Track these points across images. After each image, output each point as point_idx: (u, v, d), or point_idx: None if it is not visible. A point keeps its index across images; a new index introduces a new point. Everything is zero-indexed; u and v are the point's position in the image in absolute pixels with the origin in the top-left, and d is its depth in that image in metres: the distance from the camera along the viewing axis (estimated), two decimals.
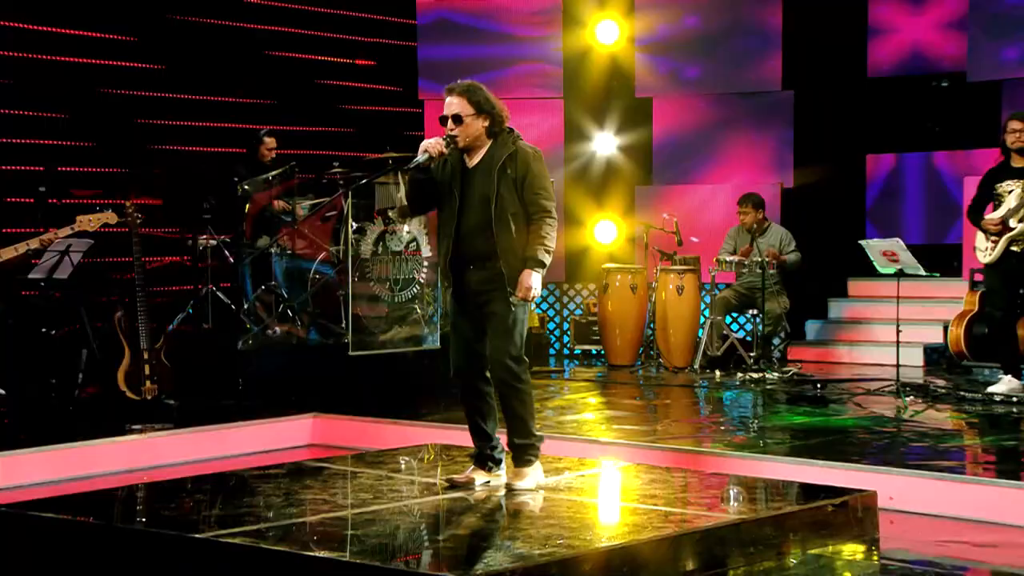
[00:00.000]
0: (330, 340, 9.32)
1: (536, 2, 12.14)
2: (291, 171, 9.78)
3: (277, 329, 9.40)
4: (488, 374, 5.54)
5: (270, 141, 10.13)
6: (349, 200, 9.11)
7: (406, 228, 9.25)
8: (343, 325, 9.19)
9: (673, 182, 12.14)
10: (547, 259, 5.44)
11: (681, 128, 12.19)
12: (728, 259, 10.26)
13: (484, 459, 5.70)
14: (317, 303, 9.58)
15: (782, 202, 11.56)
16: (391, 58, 12.92)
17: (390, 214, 9.27)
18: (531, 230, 5.44)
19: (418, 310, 9.39)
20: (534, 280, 5.41)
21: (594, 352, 11.59)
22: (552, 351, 11.99)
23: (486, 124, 5.49)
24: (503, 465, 5.70)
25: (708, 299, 10.75)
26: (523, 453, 5.60)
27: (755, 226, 10.31)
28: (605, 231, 12.14)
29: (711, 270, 10.40)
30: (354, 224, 9.15)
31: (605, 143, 12.46)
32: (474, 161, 5.53)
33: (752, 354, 10.15)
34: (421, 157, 5.45)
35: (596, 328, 11.40)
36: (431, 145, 5.46)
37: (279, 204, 9.84)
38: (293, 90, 12.14)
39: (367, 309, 9.23)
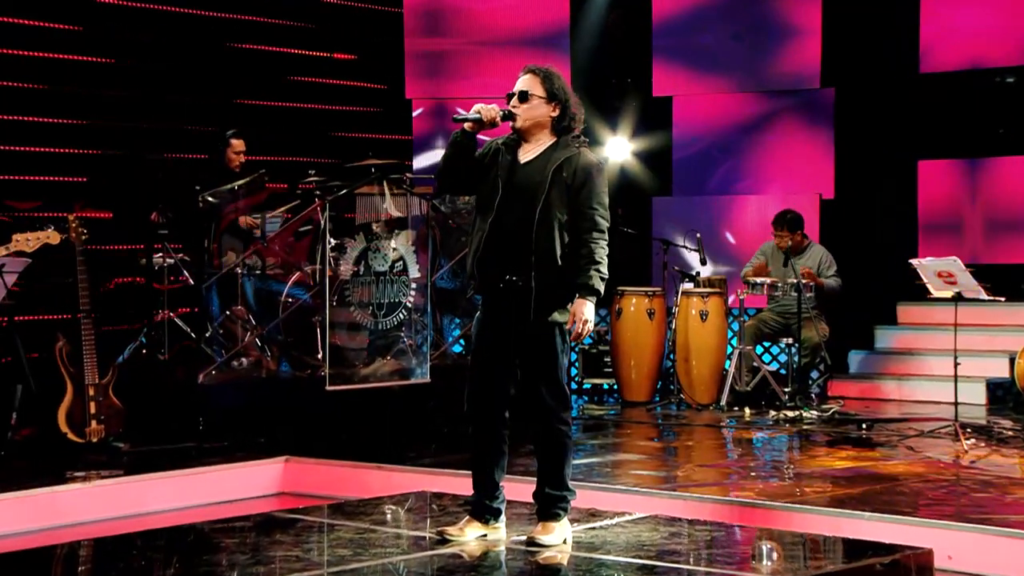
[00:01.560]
0: (305, 373, 9.33)
1: None
2: (261, 179, 9.83)
3: (244, 360, 9.41)
4: (507, 414, 5.60)
5: (237, 144, 10.13)
6: (326, 213, 9.12)
7: (392, 245, 9.29)
8: (319, 356, 9.18)
9: (696, 193, 12.23)
10: (601, 288, 5.45)
11: (705, 131, 12.29)
12: (758, 281, 10.31)
13: (483, 511, 5.71)
14: (290, 331, 9.57)
15: (821, 216, 11.62)
16: (374, 52, 12.95)
17: (374, 228, 9.30)
18: (581, 252, 5.45)
19: (405, 339, 9.39)
20: (588, 311, 5.41)
21: (605, 387, 11.62)
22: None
23: (554, 114, 5.56)
24: (503, 518, 5.72)
25: (736, 326, 10.75)
26: (553, 506, 5.63)
27: (791, 248, 10.44)
28: (618, 249, 12.11)
29: (739, 293, 10.43)
30: (332, 240, 9.16)
31: (618, 148, 12.51)
32: (528, 156, 5.59)
33: (787, 389, 10.18)
34: (471, 115, 5.50)
35: (608, 359, 11.42)
36: (486, 109, 5.51)
37: (247, 219, 9.86)
38: (262, 88, 12.16)
39: (347, 338, 9.25)
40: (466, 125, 5.52)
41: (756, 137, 12.08)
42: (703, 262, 10.95)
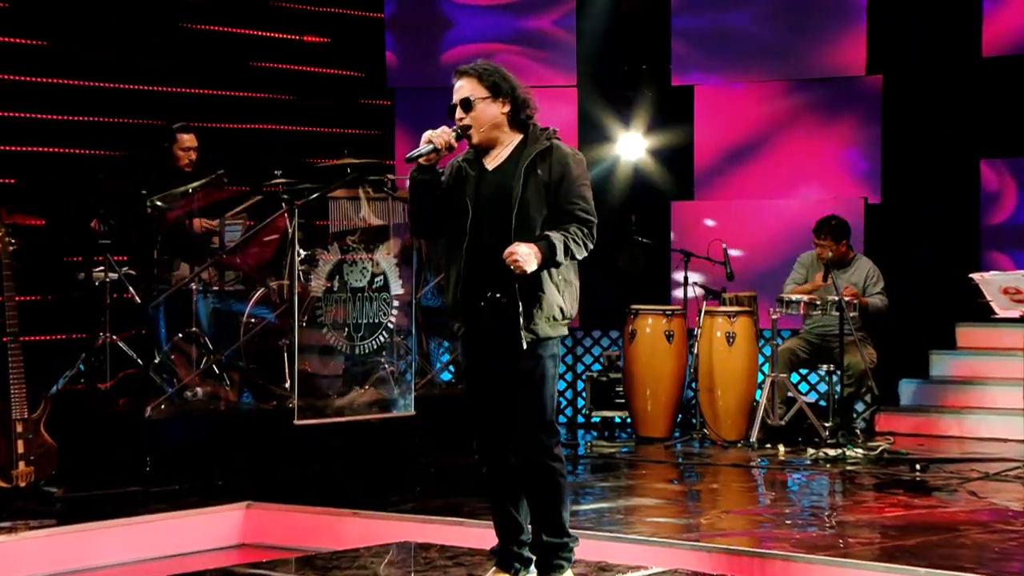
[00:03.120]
0: (269, 405, 9.31)
1: None
2: (218, 181, 9.76)
3: (199, 390, 9.40)
4: (514, 460, 5.66)
5: (186, 139, 10.09)
6: (295, 220, 9.12)
7: (371, 258, 9.29)
8: (286, 385, 9.19)
9: (721, 196, 12.26)
10: (561, 255, 5.44)
11: (732, 126, 12.32)
12: (793, 298, 10.30)
13: (510, 559, 5.76)
14: (252, 356, 9.55)
15: (866, 223, 11.63)
16: (351, 35, 12.94)
17: (351, 238, 9.29)
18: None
19: (386, 365, 9.38)
20: (534, 256, 5.37)
21: (617, 420, 11.63)
22: (563, 418, 11.95)
23: (505, 111, 5.60)
24: (533, 569, 5.76)
25: (768, 350, 10.75)
26: (552, 556, 5.67)
27: (833, 260, 10.44)
28: (632, 261, 12.12)
29: (772, 312, 10.40)
30: (302, 252, 9.17)
31: (631, 146, 12.50)
32: (495, 162, 5.66)
33: (827, 424, 10.17)
34: (423, 148, 5.57)
35: (620, 389, 11.44)
36: (436, 135, 5.57)
37: (202, 224, 9.84)
38: (220, 74, 12.14)
39: (319, 364, 9.27)
40: (421, 160, 5.57)
41: (791, 132, 12.10)
42: (730, 276, 10.96)
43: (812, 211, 11.06)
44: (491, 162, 5.64)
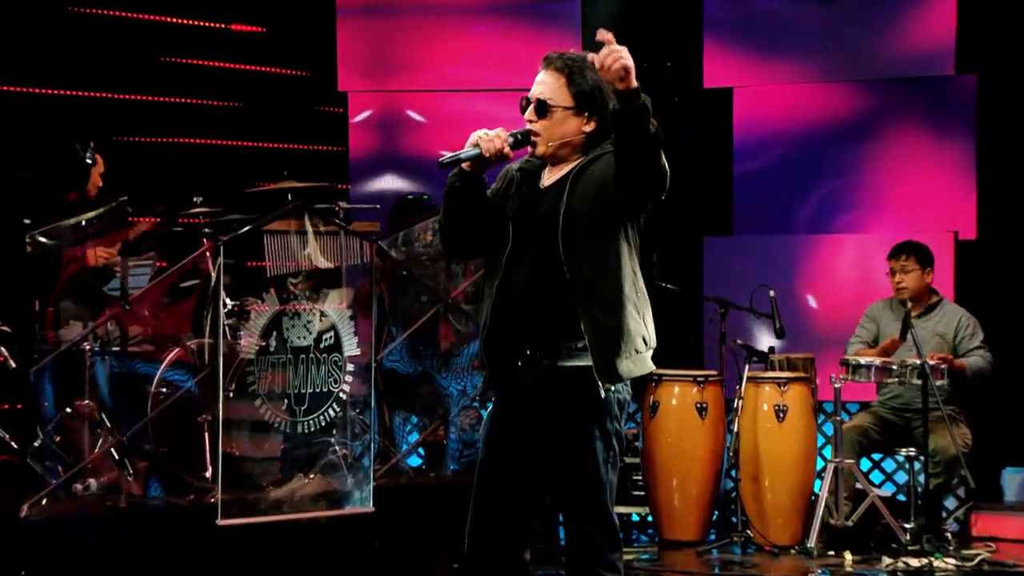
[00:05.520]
0: (185, 500, 9.19)
1: None
2: (120, 212, 9.80)
3: (92, 482, 9.24)
4: (528, 556, 5.75)
5: (101, 161, 10.12)
6: (220, 260, 9.08)
7: (318, 309, 9.24)
8: (207, 474, 9.20)
9: (767, 231, 12.33)
10: (649, 117, 5.33)
11: (780, 139, 12.41)
12: (862, 361, 10.26)
13: None
14: (164, 436, 9.50)
15: (956, 263, 11.67)
16: (293, 23, 13.04)
17: (292, 284, 9.30)
18: None
19: (337, 447, 9.36)
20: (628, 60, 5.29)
21: (636, 518, 11.67)
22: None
23: (588, 129, 5.68)
24: None
25: (830, 429, 10.67)
26: None
27: (915, 298, 10.42)
28: (655, 312, 12.01)
29: (835, 380, 10.33)
30: (229, 301, 9.23)
31: None
32: (552, 178, 5.77)
33: (909, 525, 10.06)
34: (466, 151, 5.64)
35: (639, 477, 11.39)
36: (487, 139, 5.62)
37: (99, 255, 9.75)
38: (122, 73, 12.25)
39: (250, 446, 9.31)
40: (463, 166, 5.64)
41: (857, 148, 12.16)
42: (779, 333, 10.92)
43: (885, 249, 11.01)
44: (549, 180, 5.75)
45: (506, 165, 5.84)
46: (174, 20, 12.48)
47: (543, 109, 5.63)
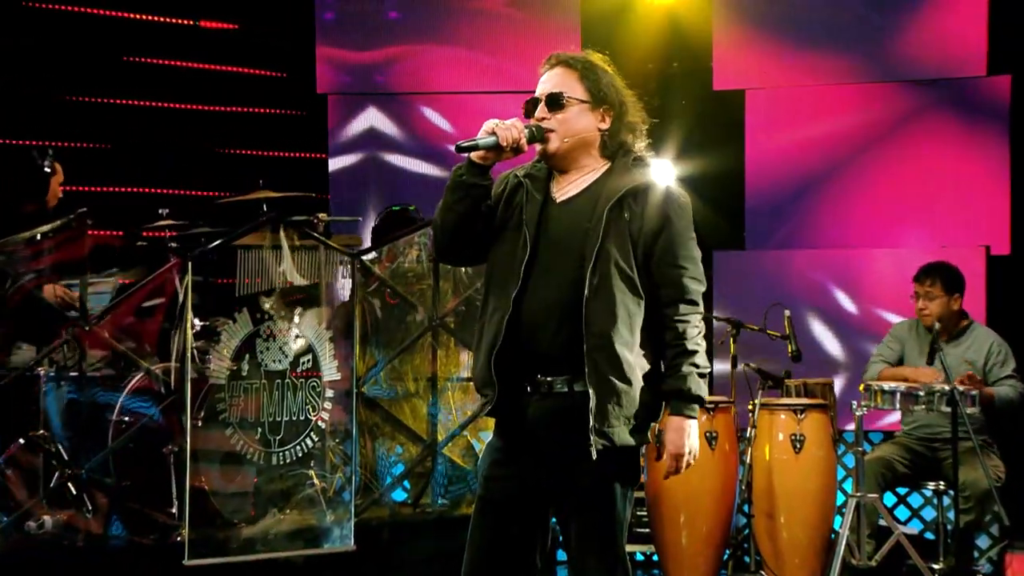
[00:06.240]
0: (149, 539, 9.20)
1: None
2: (79, 224, 9.69)
3: (46, 520, 9.21)
4: None
5: (60, 171, 10.17)
6: (188, 278, 9.11)
7: (294, 330, 9.32)
8: (173, 510, 9.17)
9: (783, 245, 12.35)
10: (704, 391, 5.70)
11: (798, 146, 12.41)
12: (886, 387, 10.18)
13: None
14: (126, 468, 9.48)
15: (988, 282, 11.69)
16: (267, 20, 13.07)
17: (266, 303, 9.30)
18: (666, 338, 5.69)
19: (315, 480, 9.35)
20: (688, 433, 5.69)
21: (640, 557, 11.74)
22: (562, 554, 11.68)
23: (603, 126, 5.80)
24: None
25: (851, 460, 10.75)
26: None
27: (942, 324, 10.31)
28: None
29: (856, 407, 10.20)
30: (197, 322, 9.21)
31: (658, 172, 12.27)
32: (567, 192, 5.82)
33: (938, 566, 10.02)
34: (483, 139, 5.68)
35: (644, 514, 11.29)
36: (504, 127, 5.67)
37: (57, 293, 9.77)
38: (82, 73, 12.29)
39: (220, 480, 9.26)
40: (474, 155, 5.67)
41: (882, 155, 12.18)
42: (796, 356, 10.83)
43: (910, 265, 11.00)
44: (560, 191, 5.80)
45: (504, 168, 5.85)
46: (138, 16, 12.56)
47: (557, 101, 5.70)
